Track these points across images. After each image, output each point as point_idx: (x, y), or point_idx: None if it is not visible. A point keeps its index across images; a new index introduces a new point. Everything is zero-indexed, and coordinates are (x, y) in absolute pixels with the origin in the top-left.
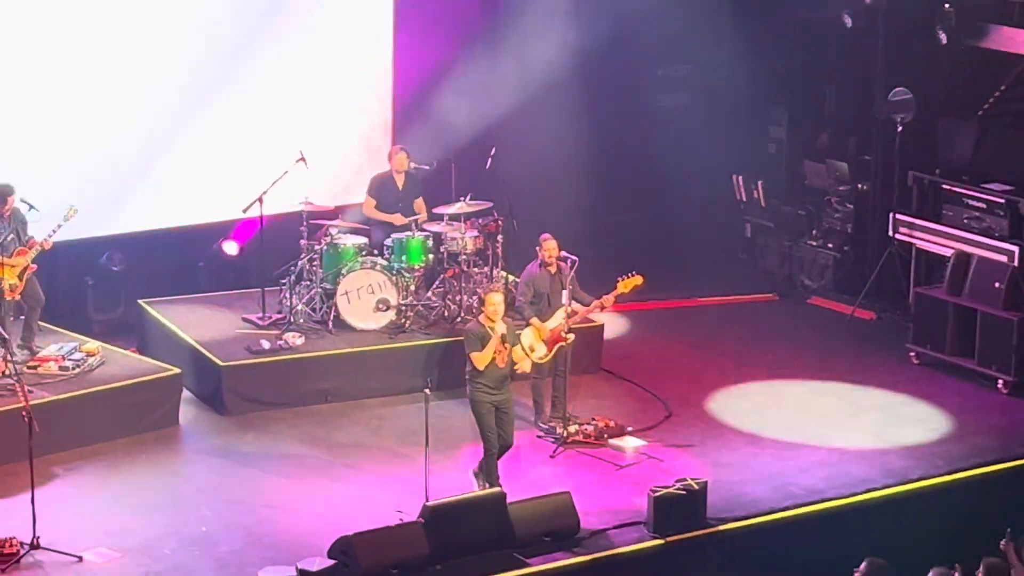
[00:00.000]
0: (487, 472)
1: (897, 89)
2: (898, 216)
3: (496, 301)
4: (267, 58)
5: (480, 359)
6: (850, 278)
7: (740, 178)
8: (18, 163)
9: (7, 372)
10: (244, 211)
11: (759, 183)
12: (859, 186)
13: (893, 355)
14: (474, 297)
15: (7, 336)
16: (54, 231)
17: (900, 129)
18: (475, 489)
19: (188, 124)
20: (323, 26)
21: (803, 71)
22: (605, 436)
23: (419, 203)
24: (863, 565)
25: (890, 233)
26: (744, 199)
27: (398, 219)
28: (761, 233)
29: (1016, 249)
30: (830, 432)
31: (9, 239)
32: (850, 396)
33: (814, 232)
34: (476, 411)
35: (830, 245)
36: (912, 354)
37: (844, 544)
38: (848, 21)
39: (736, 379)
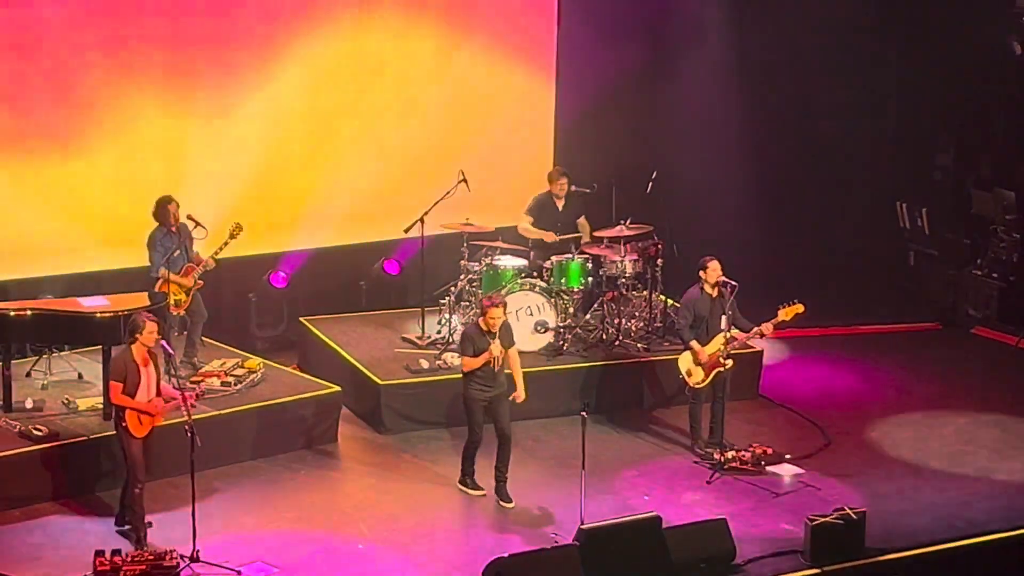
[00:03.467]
0: (466, 459)
1: None
2: None
3: (496, 315)
4: (430, 79)
5: (468, 364)
6: (1015, 308)
7: (904, 205)
8: (187, 182)
9: (182, 387)
10: (406, 231)
11: (923, 210)
12: None
13: None
14: (632, 321)
15: (172, 351)
16: (220, 249)
17: None
18: (471, 492)
19: (351, 144)
20: (487, 50)
21: (971, 98)
22: (762, 463)
23: (582, 222)
24: None
25: None
26: (908, 226)
27: (549, 236)
28: (925, 261)
29: None
30: (993, 464)
31: (176, 255)
32: (1014, 428)
33: (979, 261)
34: (468, 407)
35: (995, 274)
36: None
37: None
38: (1017, 48)
39: (897, 408)
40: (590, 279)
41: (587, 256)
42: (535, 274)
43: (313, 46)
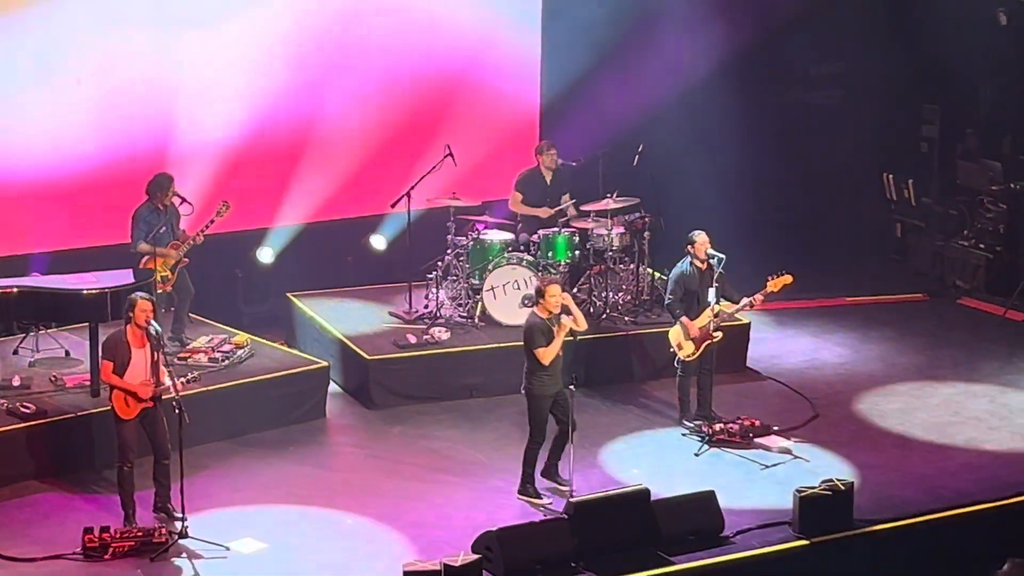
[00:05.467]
0: (528, 463)
1: None
2: None
3: (556, 292)
4: (416, 54)
5: (546, 355)
6: (1002, 279)
7: (891, 177)
8: (172, 157)
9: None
10: (392, 206)
11: (910, 182)
12: (1012, 186)
13: None
14: (619, 294)
15: (159, 328)
16: (207, 226)
17: None
18: (535, 502)
19: (337, 118)
20: (471, 22)
21: (957, 69)
22: (750, 435)
23: (567, 199)
24: (1005, 566)
25: None
26: (895, 198)
27: (544, 211)
28: (912, 233)
29: None
30: (980, 435)
31: (162, 231)
32: (1001, 398)
33: (966, 232)
34: (536, 405)
35: (982, 245)
36: None
37: (993, 548)
38: (1003, 19)
39: (885, 380)
40: (577, 253)
41: (574, 230)
42: (522, 248)
43: (299, 20)
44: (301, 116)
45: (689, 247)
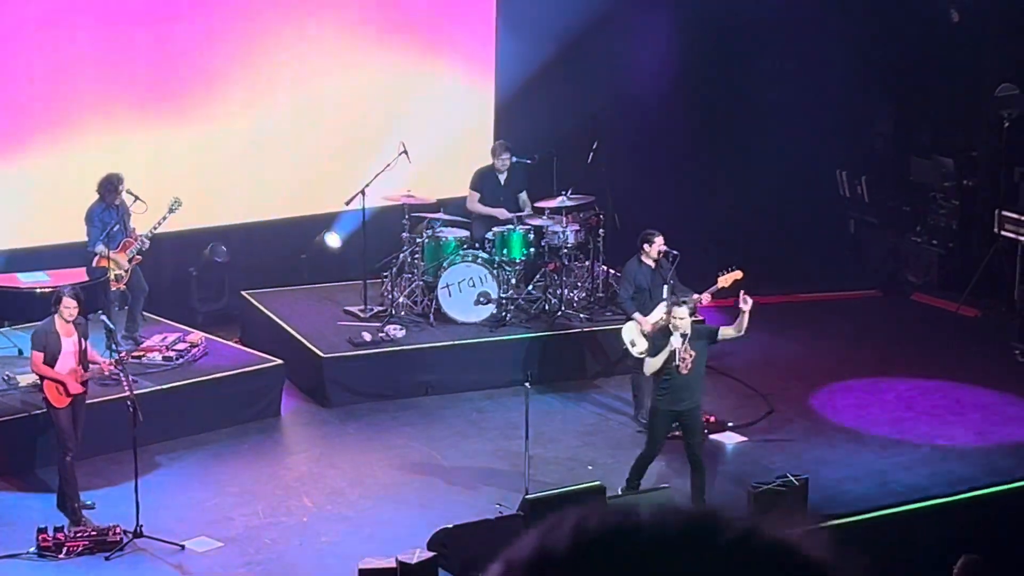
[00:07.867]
0: (636, 471)
1: (1004, 84)
2: (1004, 213)
3: (682, 315)
4: (370, 51)
5: (649, 366)
6: (955, 275)
7: (844, 173)
8: (125, 155)
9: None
10: (347, 203)
11: (863, 178)
12: (965, 182)
13: (997, 353)
14: (575, 291)
15: (113, 326)
16: (159, 223)
17: (1007, 125)
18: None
19: (291, 115)
20: (426, 19)
21: (909, 66)
22: (705, 431)
23: (524, 197)
24: (960, 561)
25: (995, 230)
26: (848, 195)
27: (502, 213)
28: (865, 229)
29: None
30: (933, 430)
31: (116, 229)
32: (954, 394)
33: (918, 228)
34: (650, 416)
35: (935, 241)
36: (1016, 352)
37: (946, 542)
38: (955, 16)
39: (839, 375)
40: (532, 250)
41: (529, 227)
42: (477, 245)
43: (250, 18)
44: (255, 111)
45: (645, 246)
